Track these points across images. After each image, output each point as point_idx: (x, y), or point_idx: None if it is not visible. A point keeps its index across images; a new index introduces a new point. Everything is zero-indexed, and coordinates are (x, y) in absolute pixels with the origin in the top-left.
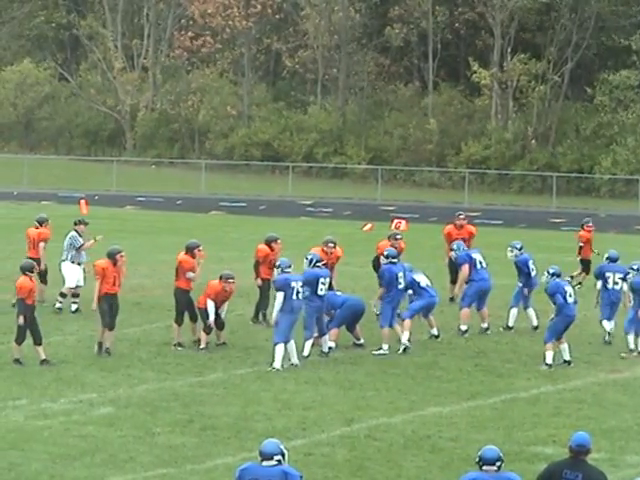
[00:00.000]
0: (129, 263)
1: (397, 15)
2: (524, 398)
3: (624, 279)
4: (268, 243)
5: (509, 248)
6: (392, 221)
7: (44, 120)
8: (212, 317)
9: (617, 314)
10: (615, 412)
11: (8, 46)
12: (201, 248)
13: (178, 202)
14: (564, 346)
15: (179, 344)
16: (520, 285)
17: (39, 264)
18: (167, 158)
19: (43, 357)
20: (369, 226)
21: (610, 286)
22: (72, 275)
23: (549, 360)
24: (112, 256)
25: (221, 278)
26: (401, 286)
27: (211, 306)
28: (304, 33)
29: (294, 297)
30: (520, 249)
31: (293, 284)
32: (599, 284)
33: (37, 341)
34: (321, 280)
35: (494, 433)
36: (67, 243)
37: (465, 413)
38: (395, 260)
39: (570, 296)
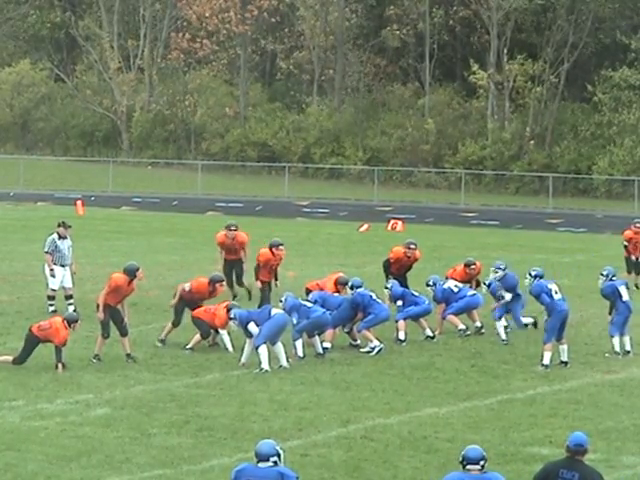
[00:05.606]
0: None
1: (394, 16)
2: (520, 399)
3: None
4: (270, 248)
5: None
6: (389, 222)
7: (40, 121)
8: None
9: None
10: (611, 413)
11: (5, 47)
12: (223, 283)
13: (174, 203)
14: (564, 347)
15: (162, 341)
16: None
17: None
18: (163, 159)
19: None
20: (365, 227)
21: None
22: (55, 277)
23: (546, 361)
24: (132, 273)
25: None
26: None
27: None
28: (300, 34)
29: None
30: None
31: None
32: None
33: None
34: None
35: (490, 434)
36: (47, 245)
37: (461, 414)
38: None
39: (556, 293)
